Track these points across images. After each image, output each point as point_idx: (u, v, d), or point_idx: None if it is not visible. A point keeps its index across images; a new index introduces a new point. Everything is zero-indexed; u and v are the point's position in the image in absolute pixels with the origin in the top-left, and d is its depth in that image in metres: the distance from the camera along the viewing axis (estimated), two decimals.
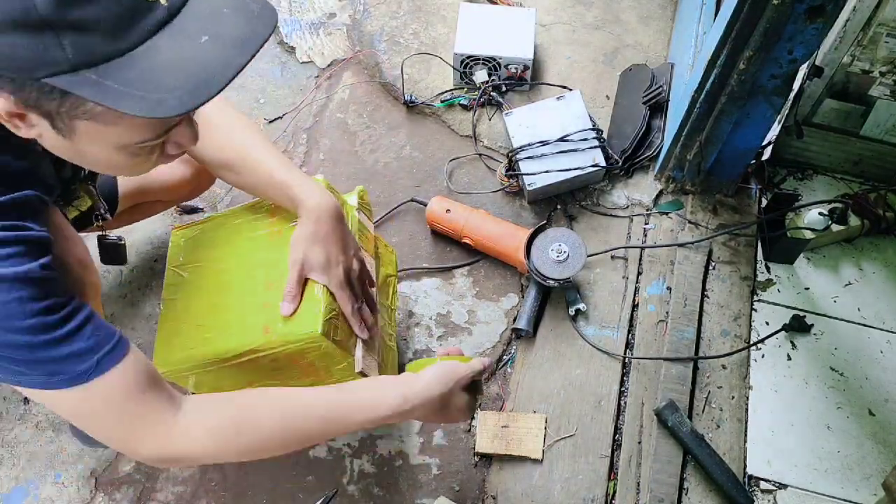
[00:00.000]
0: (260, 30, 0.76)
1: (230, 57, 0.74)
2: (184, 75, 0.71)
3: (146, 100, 0.70)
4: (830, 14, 1.19)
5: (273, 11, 0.79)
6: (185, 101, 0.71)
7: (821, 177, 1.70)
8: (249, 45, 0.75)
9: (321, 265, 1.10)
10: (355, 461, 1.38)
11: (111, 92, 0.69)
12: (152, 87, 0.70)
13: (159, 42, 0.71)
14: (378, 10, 1.99)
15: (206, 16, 0.73)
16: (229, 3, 0.76)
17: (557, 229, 1.50)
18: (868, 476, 1.35)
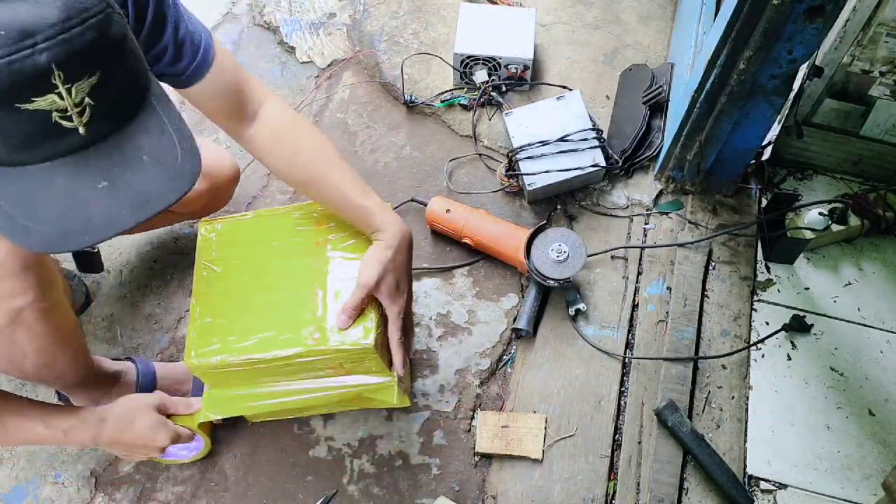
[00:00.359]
0: (165, 193, 0.72)
1: (118, 215, 0.70)
2: (61, 215, 0.67)
3: (13, 221, 0.66)
4: (830, 14, 1.19)
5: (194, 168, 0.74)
6: (50, 243, 0.68)
7: (821, 177, 1.70)
8: (147, 207, 0.71)
9: (390, 291, 1.12)
10: (355, 461, 1.38)
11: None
12: (25, 211, 0.66)
13: (59, 168, 0.67)
14: (378, 10, 1.99)
15: (119, 160, 0.69)
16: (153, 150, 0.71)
17: (557, 229, 1.50)
18: (868, 476, 1.35)
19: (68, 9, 0.63)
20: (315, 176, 1.13)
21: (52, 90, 0.62)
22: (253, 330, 1.13)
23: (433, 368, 1.47)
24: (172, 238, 1.62)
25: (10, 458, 1.38)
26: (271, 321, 1.14)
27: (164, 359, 1.47)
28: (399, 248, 1.12)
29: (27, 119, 0.63)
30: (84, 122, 0.65)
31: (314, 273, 1.17)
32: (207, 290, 1.19)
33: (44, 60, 0.61)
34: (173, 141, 0.73)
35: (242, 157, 1.74)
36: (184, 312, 1.53)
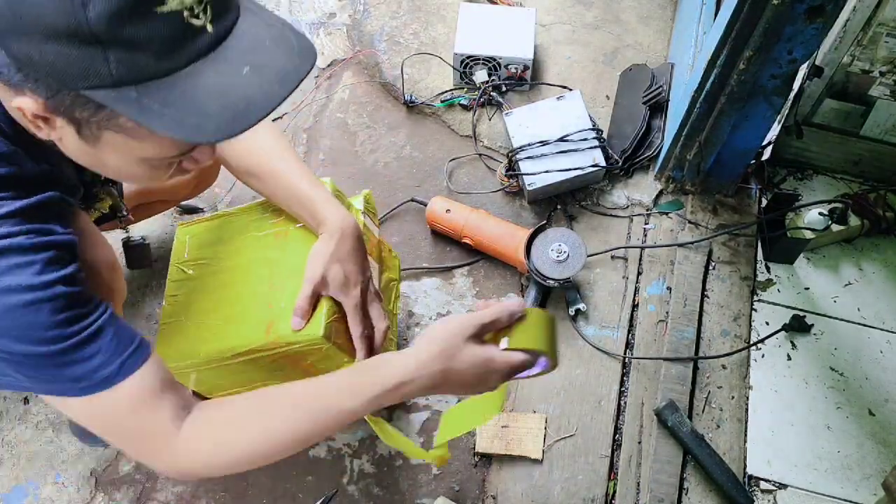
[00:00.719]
0: (300, 64, 0.76)
1: (270, 89, 0.74)
2: (223, 103, 0.71)
3: (183, 123, 0.70)
4: (830, 14, 1.19)
5: (313, 49, 0.79)
6: (222, 129, 0.71)
7: (821, 177, 1.70)
8: (289, 79, 0.75)
9: (339, 284, 1.10)
10: (355, 461, 1.38)
11: (149, 111, 0.69)
12: (191, 110, 0.70)
13: (203, 67, 0.71)
14: (378, 10, 1.99)
15: (249, 47, 0.73)
16: (272, 36, 0.76)
17: (557, 229, 1.50)
18: (868, 476, 1.35)
19: None
20: (265, 167, 1.13)
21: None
22: (214, 328, 1.13)
23: None
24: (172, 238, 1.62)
25: (10, 458, 1.38)
26: (231, 318, 1.12)
27: None
28: (342, 238, 1.09)
29: (164, 22, 0.67)
30: (209, 18, 0.70)
31: (273, 266, 1.15)
32: (177, 293, 1.18)
33: None
34: (281, 28, 0.78)
35: None
36: None
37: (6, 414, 1.42)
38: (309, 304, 1.08)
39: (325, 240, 1.10)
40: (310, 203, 1.11)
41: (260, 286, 1.14)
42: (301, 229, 1.17)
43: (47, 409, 1.41)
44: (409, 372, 0.87)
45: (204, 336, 1.13)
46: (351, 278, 1.10)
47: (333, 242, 1.09)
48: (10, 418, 1.42)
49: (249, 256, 1.18)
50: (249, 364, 1.13)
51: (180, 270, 1.21)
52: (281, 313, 1.10)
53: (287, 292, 1.11)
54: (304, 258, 1.12)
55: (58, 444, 1.39)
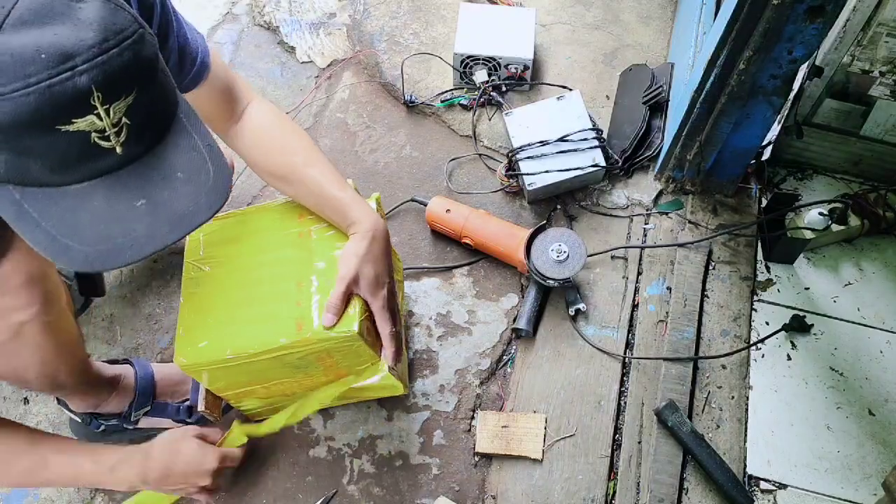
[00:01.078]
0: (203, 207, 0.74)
1: (158, 231, 0.71)
2: (103, 233, 0.69)
3: (54, 242, 0.67)
4: (830, 14, 1.19)
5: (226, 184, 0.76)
6: (91, 261, 0.69)
7: (821, 177, 1.70)
8: (182, 224, 0.72)
9: (369, 284, 1.12)
10: (355, 461, 1.38)
11: (26, 217, 0.67)
12: (66, 231, 0.67)
13: (97, 188, 0.68)
14: (378, 10, 1.99)
15: (155, 177, 0.70)
16: (188, 167, 0.73)
17: (557, 229, 1.50)
18: (868, 476, 1.35)
19: (105, 30, 0.64)
20: (293, 169, 1.14)
21: (91, 111, 0.63)
22: (240, 326, 1.13)
23: (433, 368, 1.47)
24: None
25: None
26: (258, 316, 1.13)
27: (165, 359, 1.47)
28: (374, 239, 1.12)
29: (67, 140, 0.64)
30: (121, 141, 0.67)
31: (299, 265, 1.17)
32: (195, 290, 1.18)
33: (84, 82, 0.62)
34: (204, 157, 0.75)
35: None
36: None
37: (6, 414, 1.42)
38: (342, 301, 1.10)
39: (357, 240, 1.12)
40: (340, 204, 1.13)
41: (286, 285, 1.15)
42: (325, 228, 1.19)
43: (47, 409, 1.41)
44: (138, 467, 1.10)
45: (230, 333, 1.13)
46: (380, 279, 1.13)
47: (366, 243, 1.11)
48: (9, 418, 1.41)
49: (272, 255, 1.19)
50: (275, 361, 1.14)
51: (196, 268, 1.20)
52: (311, 311, 1.11)
53: (316, 290, 1.13)
54: (331, 258, 1.14)
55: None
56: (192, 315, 1.16)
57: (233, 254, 1.21)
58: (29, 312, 0.99)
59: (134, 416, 1.29)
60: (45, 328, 1.04)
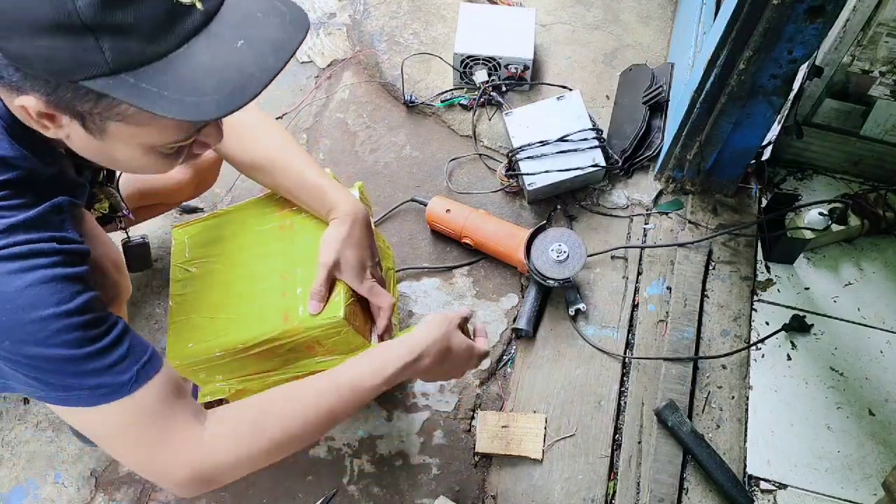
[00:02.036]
0: (293, 34, 0.76)
1: (266, 61, 0.74)
2: (220, 79, 0.71)
3: (183, 103, 0.70)
4: (830, 14, 1.19)
5: (304, 15, 0.79)
6: (222, 106, 0.71)
7: (821, 177, 1.70)
8: (284, 49, 0.75)
9: (352, 268, 1.12)
10: (355, 461, 1.38)
11: (148, 95, 0.69)
12: (189, 90, 0.70)
13: (196, 46, 0.71)
14: (378, 10, 1.99)
15: (241, 20, 0.73)
16: (262, 7, 0.76)
17: (557, 229, 1.50)
18: (868, 476, 1.35)
19: None
20: (271, 159, 1.14)
21: None
22: (228, 322, 1.14)
23: None
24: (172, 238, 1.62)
25: (10, 458, 1.38)
26: (245, 311, 1.14)
27: None
28: (354, 223, 1.12)
29: (152, 4, 0.67)
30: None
31: (282, 257, 1.17)
32: (183, 292, 1.19)
33: None
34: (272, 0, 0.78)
35: None
36: None
37: (6, 414, 1.42)
38: (326, 287, 1.11)
39: (336, 225, 1.12)
40: (319, 191, 1.13)
41: (270, 278, 1.16)
42: (305, 219, 1.19)
43: (47, 409, 1.41)
44: (420, 348, 0.99)
45: (218, 331, 1.13)
46: (363, 262, 1.13)
47: (346, 228, 1.11)
48: (10, 418, 1.42)
49: (255, 251, 1.19)
50: (265, 353, 1.14)
51: (183, 270, 1.21)
52: (296, 301, 1.12)
53: (300, 280, 1.13)
54: (313, 247, 1.14)
55: (58, 444, 1.39)
56: (180, 317, 1.17)
57: (217, 253, 1.22)
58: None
59: None
60: None
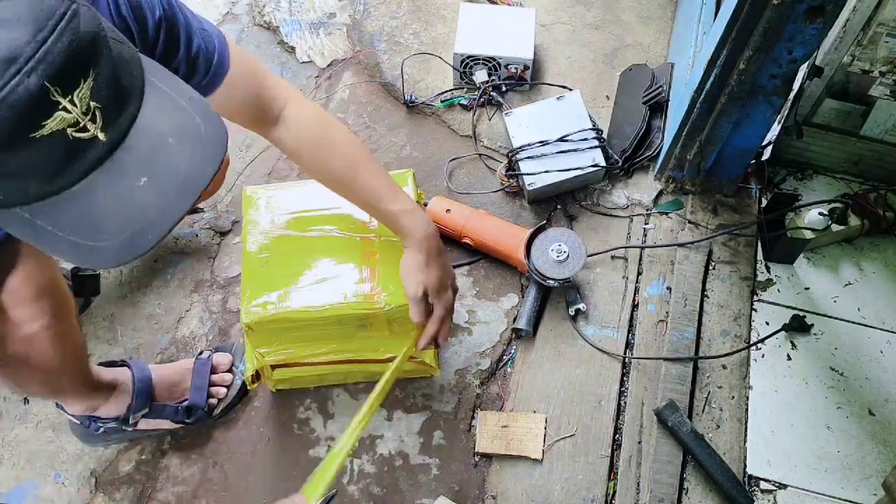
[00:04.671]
0: (204, 166, 0.71)
1: (169, 204, 0.69)
2: (119, 223, 0.67)
3: (78, 246, 0.66)
4: (830, 14, 1.19)
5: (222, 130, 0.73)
6: (119, 254, 0.68)
7: (821, 177, 1.70)
8: (191, 187, 0.70)
9: (435, 290, 1.17)
10: (355, 461, 1.38)
11: (42, 233, 0.65)
12: (86, 232, 0.66)
13: (97, 181, 0.65)
14: (378, 10, 1.99)
15: (148, 149, 0.67)
16: (176, 125, 0.70)
17: (557, 229, 1.50)
18: (868, 476, 1.35)
19: (35, 21, 0.59)
20: (345, 180, 1.16)
21: (56, 108, 0.60)
22: (306, 285, 1.19)
23: None
24: (172, 238, 1.62)
25: (10, 458, 1.38)
26: (324, 278, 1.20)
27: (165, 359, 1.47)
28: (428, 250, 1.16)
29: (48, 146, 0.61)
30: (99, 127, 0.64)
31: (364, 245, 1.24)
32: (258, 250, 1.24)
33: (35, 82, 0.58)
34: (190, 113, 0.71)
35: (245, 154, 1.75)
36: (184, 312, 1.53)
37: (6, 414, 1.42)
38: (422, 317, 1.18)
39: (413, 254, 1.16)
40: (392, 217, 1.16)
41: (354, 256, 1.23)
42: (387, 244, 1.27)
43: (47, 409, 1.41)
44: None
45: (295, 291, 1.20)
46: (443, 283, 1.18)
47: (423, 256, 1.15)
48: (10, 418, 1.42)
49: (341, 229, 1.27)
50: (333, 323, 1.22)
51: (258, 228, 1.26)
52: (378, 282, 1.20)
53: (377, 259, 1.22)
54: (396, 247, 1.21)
55: (58, 444, 1.39)
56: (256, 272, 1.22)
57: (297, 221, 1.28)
58: (40, 323, 1.00)
59: (132, 418, 1.29)
60: (55, 338, 1.04)
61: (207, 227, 1.64)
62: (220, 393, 1.39)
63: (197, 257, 1.60)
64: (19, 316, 0.97)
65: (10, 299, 0.93)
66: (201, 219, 1.64)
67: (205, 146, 0.71)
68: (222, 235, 1.63)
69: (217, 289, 1.55)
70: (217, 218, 1.65)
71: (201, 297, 1.55)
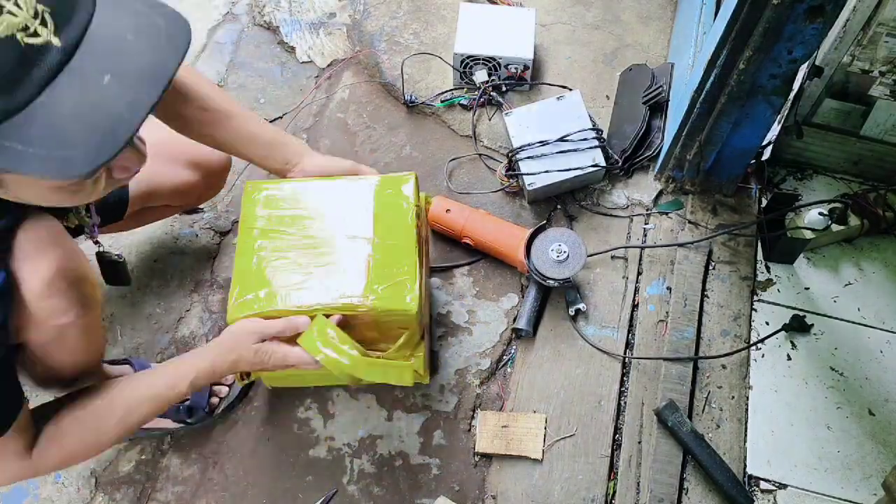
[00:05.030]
0: (168, 56, 0.69)
1: (136, 98, 0.67)
2: (87, 125, 0.65)
3: (50, 159, 0.64)
4: (830, 14, 1.19)
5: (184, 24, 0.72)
6: (92, 158, 0.66)
7: (821, 177, 1.70)
8: (158, 78, 0.68)
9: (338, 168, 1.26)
10: (355, 461, 1.38)
11: (12, 153, 0.64)
12: (55, 143, 0.64)
13: (58, 88, 0.64)
14: (378, 10, 1.99)
15: (107, 49, 0.66)
16: (133, 24, 0.68)
17: (557, 229, 1.50)
18: (868, 476, 1.35)
19: None
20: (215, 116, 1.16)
21: (1, 11, 0.59)
22: (294, 284, 1.18)
23: (433, 368, 1.47)
24: (172, 238, 1.62)
25: None
26: (315, 278, 1.18)
27: (164, 359, 1.47)
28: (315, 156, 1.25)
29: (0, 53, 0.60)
30: (51, 31, 0.62)
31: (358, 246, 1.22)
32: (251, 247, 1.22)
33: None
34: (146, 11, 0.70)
35: None
36: (184, 312, 1.53)
37: None
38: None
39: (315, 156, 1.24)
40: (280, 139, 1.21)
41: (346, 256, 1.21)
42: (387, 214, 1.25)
43: None
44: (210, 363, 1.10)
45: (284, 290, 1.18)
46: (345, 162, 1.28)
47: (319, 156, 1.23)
48: None
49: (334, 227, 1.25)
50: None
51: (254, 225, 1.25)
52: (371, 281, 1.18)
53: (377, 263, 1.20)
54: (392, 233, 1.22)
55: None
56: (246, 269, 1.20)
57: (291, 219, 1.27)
58: (72, 314, 1.00)
59: None
60: (83, 330, 1.06)
61: (207, 227, 1.64)
62: (221, 392, 1.39)
63: (197, 257, 1.60)
64: (52, 307, 0.97)
65: (45, 289, 0.94)
66: (201, 219, 1.64)
67: (167, 38, 0.70)
68: (222, 235, 1.63)
69: (217, 289, 1.55)
70: (217, 218, 1.65)
71: (201, 297, 1.55)
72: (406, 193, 1.26)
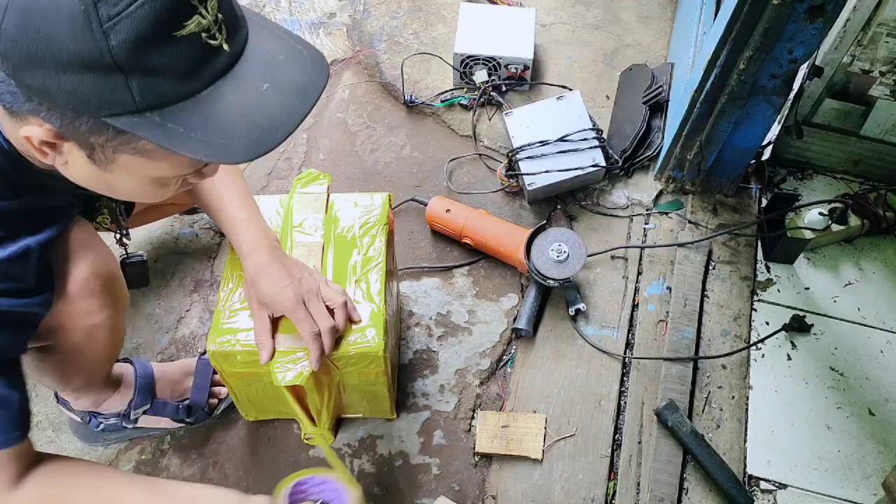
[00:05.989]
0: (316, 79, 0.76)
1: (291, 106, 0.74)
2: (248, 123, 0.71)
3: (212, 145, 0.70)
4: (830, 14, 1.19)
5: (324, 60, 0.78)
6: (251, 150, 0.72)
7: (821, 177, 1.70)
8: (309, 93, 0.75)
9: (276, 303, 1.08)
10: (355, 461, 1.38)
11: (175, 135, 0.69)
12: (216, 132, 0.70)
13: (223, 87, 0.71)
14: (378, 10, 1.99)
15: (264, 63, 0.73)
16: (284, 51, 0.76)
17: (557, 229, 1.50)
18: (868, 476, 1.35)
19: None
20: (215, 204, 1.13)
21: (195, 11, 0.66)
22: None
23: (433, 368, 1.47)
24: (172, 238, 1.62)
25: None
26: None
27: (164, 358, 1.47)
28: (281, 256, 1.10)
29: (186, 46, 0.66)
30: (224, 38, 0.70)
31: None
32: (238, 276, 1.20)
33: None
34: (291, 42, 0.78)
35: None
36: (184, 312, 1.53)
37: None
38: (267, 335, 1.10)
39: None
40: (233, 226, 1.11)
41: None
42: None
43: (47, 409, 1.41)
44: None
45: None
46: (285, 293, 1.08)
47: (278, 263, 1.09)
48: None
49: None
50: None
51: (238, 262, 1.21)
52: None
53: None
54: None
55: (58, 444, 1.39)
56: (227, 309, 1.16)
57: None
58: (103, 315, 1.02)
59: (133, 414, 1.29)
60: (111, 329, 1.07)
61: (207, 227, 1.64)
62: (221, 393, 1.39)
63: (197, 257, 1.60)
64: (87, 307, 0.99)
65: (81, 290, 0.96)
66: (201, 219, 1.64)
67: (313, 65, 0.77)
68: (222, 235, 1.63)
69: (217, 289, 1.55)
70: None
71: (201, 297, 1.55)
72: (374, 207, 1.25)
